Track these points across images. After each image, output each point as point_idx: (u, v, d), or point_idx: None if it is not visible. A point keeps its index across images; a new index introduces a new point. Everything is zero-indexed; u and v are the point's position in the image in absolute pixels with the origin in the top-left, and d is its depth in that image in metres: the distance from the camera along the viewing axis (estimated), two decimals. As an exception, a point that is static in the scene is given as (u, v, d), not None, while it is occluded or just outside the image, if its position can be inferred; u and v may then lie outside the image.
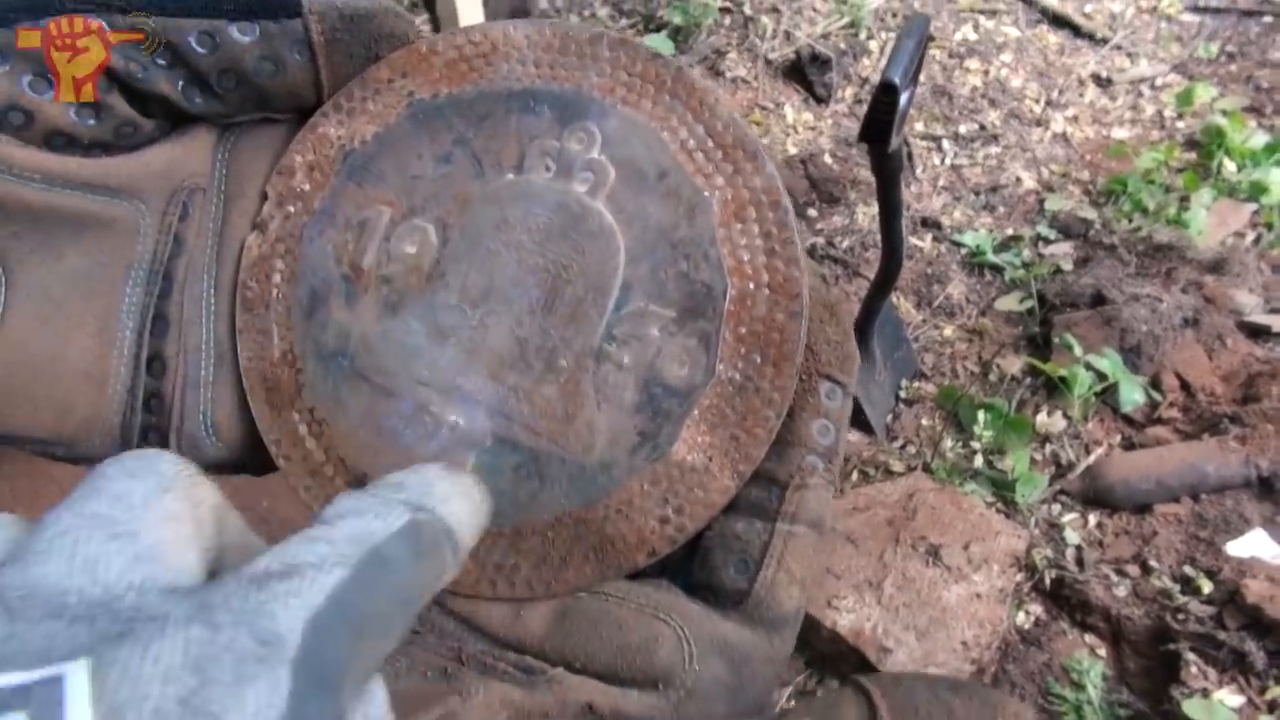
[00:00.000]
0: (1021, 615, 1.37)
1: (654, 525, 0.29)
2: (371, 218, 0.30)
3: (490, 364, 0.29)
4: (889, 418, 1.63)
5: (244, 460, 0.30)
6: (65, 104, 0.25)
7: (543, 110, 0.30)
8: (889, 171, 1.28)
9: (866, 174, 1.99)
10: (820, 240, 1.91)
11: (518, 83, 0.30)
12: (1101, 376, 1.54)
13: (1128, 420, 1.55)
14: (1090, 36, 2.37)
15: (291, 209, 0.31)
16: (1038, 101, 2.23)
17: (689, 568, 0.27)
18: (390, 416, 0.30)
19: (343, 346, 0.30)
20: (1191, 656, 1.24)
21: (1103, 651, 1.33)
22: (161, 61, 0.25)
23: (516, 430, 0.29)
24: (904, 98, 1.15)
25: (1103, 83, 2.27)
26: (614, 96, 0.30)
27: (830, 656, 1.31)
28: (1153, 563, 1.37)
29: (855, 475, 1.55)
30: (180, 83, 0.26)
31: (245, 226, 0.30)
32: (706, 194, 0.29)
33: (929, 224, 1.97)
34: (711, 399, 0.29)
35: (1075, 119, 2.19)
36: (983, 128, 2.17)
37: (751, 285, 0.29)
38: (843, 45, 2.36)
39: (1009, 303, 1.76)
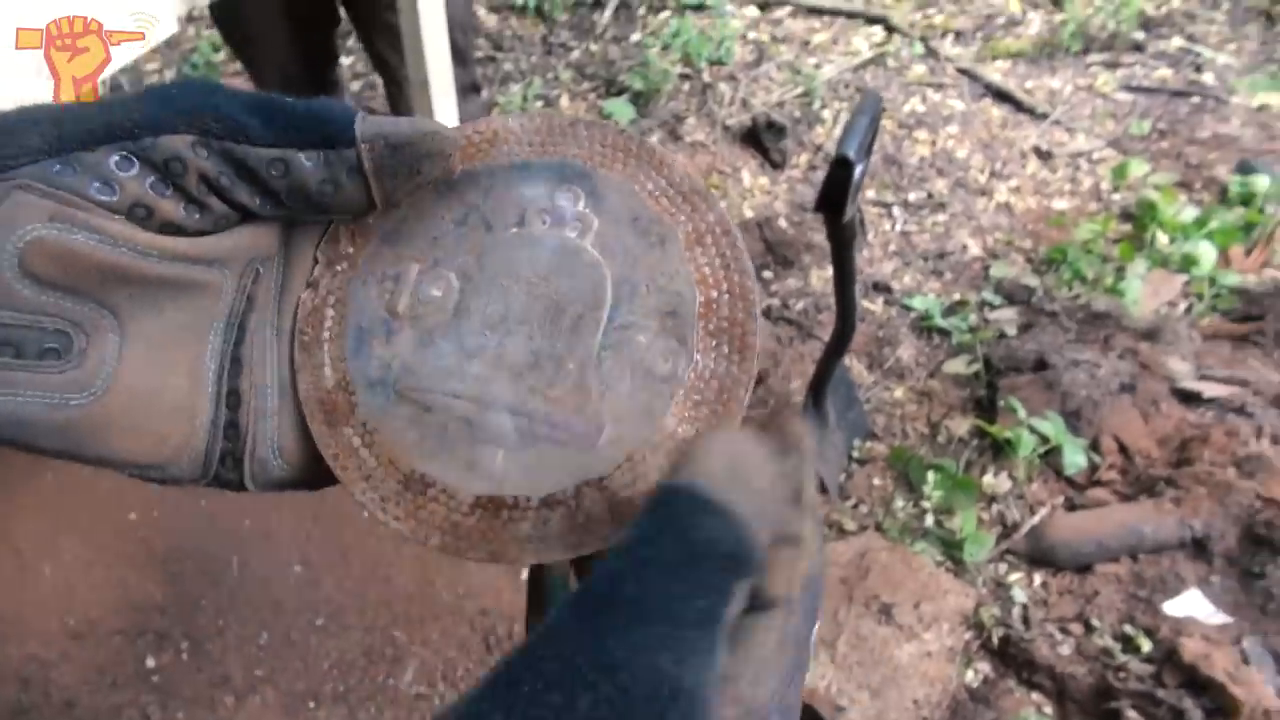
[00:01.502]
0: (970, 673, 1.40)
1: (656, 487, 0.35)
2: (403, 271, 0.37)
3: (510, 373, 0.36)
4: (842, 477, 1.67)
5: (302, 479, 0.37)
6: (176, 202, 0.31)
7: (537, 178, 0.38)
8: (843, 240, 1.33)
9: (820, 239, 2.06)
10: (775, 302, 1.96)
11: (516, 159, 0.38)
12: (1044, 439, 1.60)
13: (1069, 482, 1.61)
14: (1031, 111, 2.49)
15: (339, 268, 0.38)
16: (982, 172, 2.33)
17: None
18: (430, 424, 0.36)
19: (385, 374, 0.37)
20: (1133, 715, 1.28)
21: (1049, 709, 1.36)
22: (245, 179, 0.32)
23: (536, 425, 0.36)
24: (858, 170, 1.21)
25: (1043, 155, 2.38)
26: (592, 163, 0.38)
27: (785, 715, 1.32)
28: (1095, 621, 1.41)
29: (809, 534, 1.58)
30: (257, 198, 0.33)
31: (300, 284, 0.37)
32: (672, 228, 0.37)
33: (880, 288, 2.03)
34: (693, 382, 0.36)
35: (1018, 189, 2.29)
36: (931, 196, 2.26)
37: (714, 293, 0.37)
38: (797, 113, 2.45)
39: (956, 366, 1.82)
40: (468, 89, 1.81)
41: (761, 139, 2.34)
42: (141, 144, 0.30)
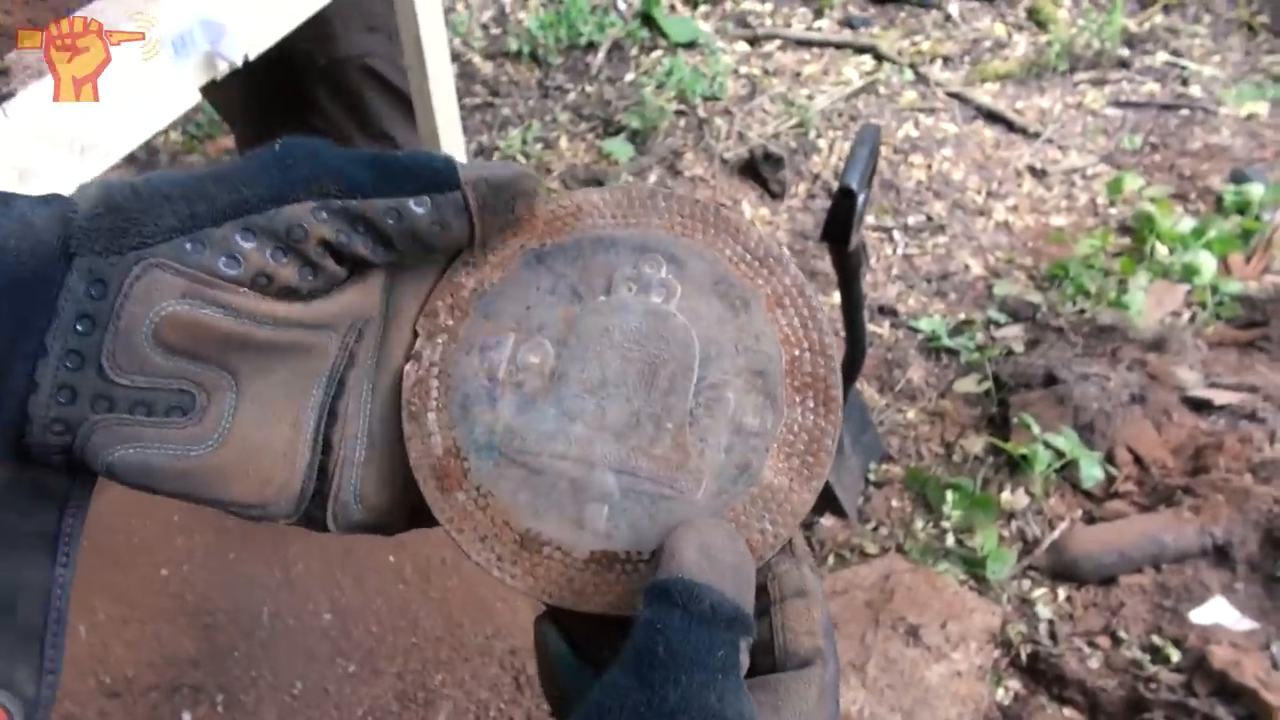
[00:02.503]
0: (1001, 691, 1.40)
1: (757, 537, 0.37)
2: (501, 340, 0.40)
3: (612, 434, 0.38)
4: (860, 501, 1.68)
5: (380, 523, 0.39)
6: (294, 267, 0.34)
7: (621, 249, 0.40)
8: (850, 268, 1.36)
9: (825, 265, 2.08)
10: (784, 330, 1.98)
11: (600, 231, 0.40)
12: (1059, 454, 1.61)
13: (1087, 495, 1.62)
14: (1023, 131, 2.53)
15: (439, 341, 0.40)
16: (979, 192, 2.36)
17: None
18: (539, 486, 0.38)
19: (492, 439, 0.39)
20: (1166, 725, 1.29)
21: (1081, 724, 1.36)
22: (361, 230, 0.35)
23: (640, 481, 0.38)
24: (860, 200, 1.24)
25: (1038, 174, 2.42)
26: (673, 233, 0.40)
27: (819, 742, 1.33)
28: (1122, 633, 1.42)
29: (831, 559, 1.59)
30: (372, 245, 0.35)
31: (399, 344, 0.40)
32: (753, 291, 0.40)
33: (886, 311, 2.05)
34: (783, 435, 0.38)
35: (1015, 208, 2.32)
36: (930, 218, 2.29)
37: (797, 351, 0.39)
38: (793, 144, 2.49)
39: (967, 385, 1.84)
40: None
41: (760, 170, 2.38)
42: (265, 215, 0.33)
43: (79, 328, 0.31)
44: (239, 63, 0.93)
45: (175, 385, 0.33)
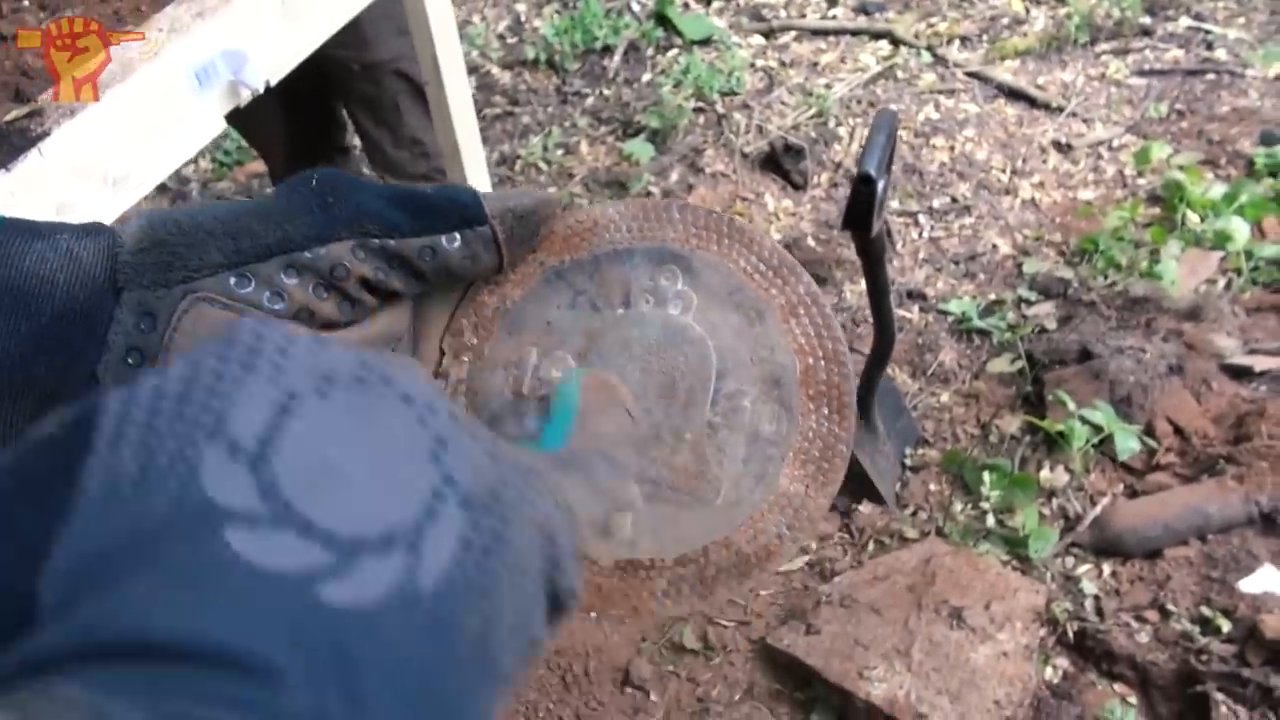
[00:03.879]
0: (1049, 670, 1.39)
1: (775, 541, 0.39)
2: (524, 356, 0.41)
3: (634, 446, 0.39)
4: (897, 486, 1.67)
5: None
6: (334, 302, 0.35)
7: (638, 261, 0.41)
8: (874, 254, 1.36)
9: (849, 254, 2.08)
10: (812, 320, 1.98)
11: (618, 245, 0.41)
12: (1097, 429, 1.60)
13: (1128, 469, 1.60)
14: (1046, 106, 2.50)
15: (465, 359, 0.41)
16: (1004, 171, 2.34)
17: None
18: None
19: None
20: (1220, 696, 1.27)
21: (1133, 699, 1.35)
22: (397, 267, 0.37)
23: (663, 490, 0.39)
24: (880, 186, 1.24)
25: (1063, 149, 2.39)
26: (689, 245, 0.41)
27: (868, 728, 1.33)
28: (1170, 606, 1.40)
29: (872, 545, 1.59)
30: (407, 279, 0.37)
31: (428, 360, 0.41)
32: (768, 302, 0.40)
33: (914, 296, 2.05)
34: (799, 443, 0.39)
35: (1041, 185, 2.30)
36: (955, 200, 2.28)
37: (811, 360, 0.40)
38: (813, 134, 2.49)
39: (1000, 365, 1.83)
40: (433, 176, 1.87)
41: (781, 163, 2.38)
42: (310, 254, 0.34)
43: (129, 360, 0.32)
44: (260, 89, 0.96)
45: None
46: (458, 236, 0.36)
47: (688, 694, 1.44)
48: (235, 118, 1.61)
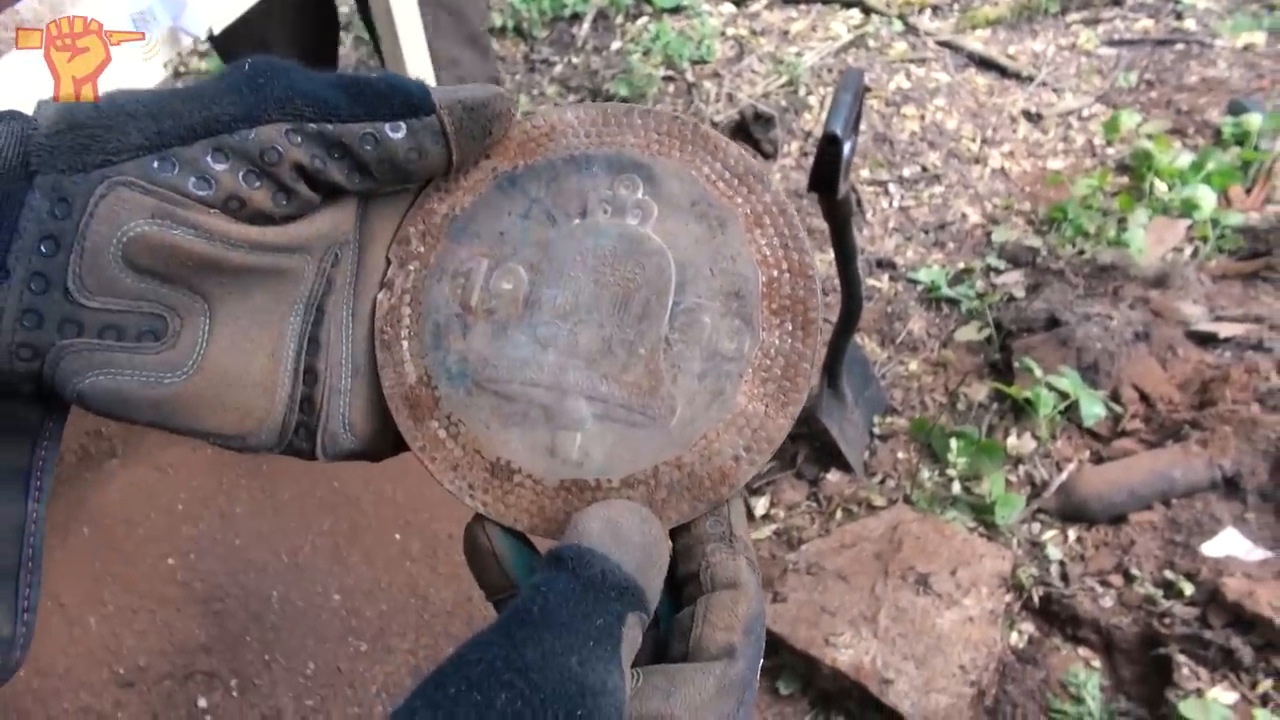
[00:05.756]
0: (1015, 635, 1.39)
1: (731, 463, 0.37)
2: (474, 267, 0.39)
3: (585, 360, 0.37)
4: (865, 454, 1.67)
5: (369, 450, 0.39)
6: (267, 191, 0.33)
7: (595, 169, 0.39)
8: (840, 217, 1.34)
9: (819, 223, 2.05)
10: (781, 289, 1.97)
11: (574, 151, 0.39)
12: (1063, 395, 1.60)
13: (1094, 435, 1.60)
14: (1016, 76, 2.49)
15: (411, 268, 0.39)
16: (974, 140, 2.33)
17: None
18: (511, 414, 0.38)
19: (464, 367, 0.38)
20: (1182, 659, 1.28)
21: (1097, 663, 1.35)
22: (337, 156, 0.34)
23: (612, 408, 0.37)
24: (847, 147, 1.22)
25: (1033, 118, 2.38)
26: (649, 151, 0.39)
27: (834, 694, 1.33)
28: (1134, 570, 1.41)
29: (839, 513, 1.58)
30: (348, 171, 0.34)
31: (375, 269, 0.39)
32: (731, 210, 0.38)
33: (884, 265, 2.04)
34: (760, 360, 0.37)
35: (1011, 154, 2.29)
36: (925, 169, 2.26)
37: (775, 272, 0.38)
38: (783, 103, 2.46)
39: (968, 333, 1.82)
40: (489, 82, 1.84)
41: (751, 131, 2.35)
42: (237, 136, 0.32)
43: (43, 249, 0.30)
44: (203, 37, 0.92)
45: (146, 308, 0.32)
46: (403, 125, 0.34)
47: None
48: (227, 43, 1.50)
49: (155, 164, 0.31)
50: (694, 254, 0.38)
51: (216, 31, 0.94)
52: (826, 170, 1.22)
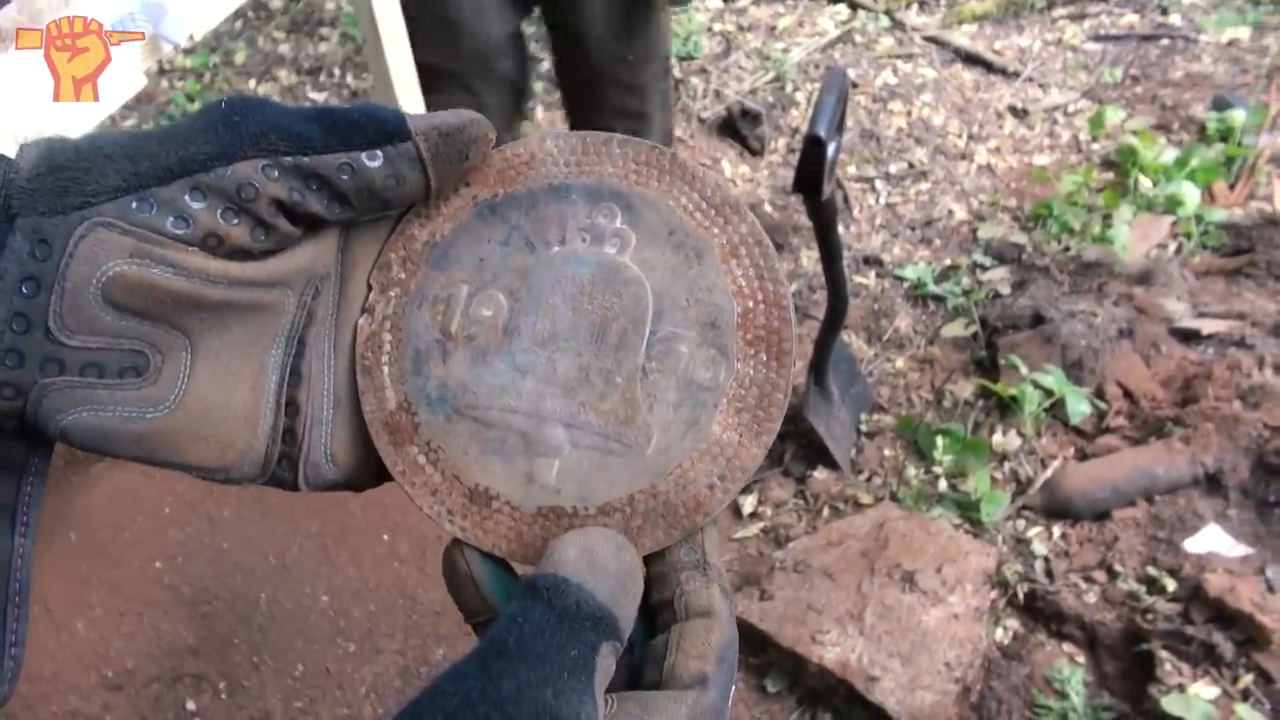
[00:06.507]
0: (1000, 631, 1.40)
1: (705, 491, 0.37)
2: (454, 293, 0.39)
3: (562, 388, 0.38)
4: (852, 452, 1.68)
5: (352, 481, 0.39)
6: (245, 227, 0.33)
7: (575, 198, 0.39)
8: (825, 218, 1.34)
9: (806, 220, 2.06)
10: (769, 287, 1.97)
11: (554, 179, 0.40)
12: (1048, 393, 1.61)
13: (1078, 432, 1.62)
14: (1002, 71, 2.50)
15: (392, 294, 0.39)
16: (960, 136, 2.34)
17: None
18: (489, 440, 0.38)
19: (444, 393, 0.39)
20: (1164, 654, 1.29)
21: (1081, 658, 1.37)
22: (315, 188, 0.34)
23: (589, 436, 0.38)
24: (831, 148, 1.22)
25: (1019, 113, 2.39)
26: (627, 181, 0.40)
27: (820, 691, 1.34)
28: (1117, 567, 1.42)
29: (826, 511, 1.59)
30: (327, 201, 0.35)
31: (357, 300, 0.39)
32: (708, 241, 0.39)
33: (870, 261, 2.04)
34: (735, 390, 0.38)
35: (997, 150, 2.30)
36: (911, 165, 2.27)
37: (750, 302, 0.38)
38: (770, 99, 2.46)
39: (954, 330, 1.83)
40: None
41: (738, 128, 2.35)
42: (214, 174, 0.32)
43: (24, 290, 0.31)
44: (183, 44, 0.92)
45: (127, 345, 0.33)
46: (379, 154, 0.34)
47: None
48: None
49: (134, 204, 0.32)
50: (671, 284, 0.38)
51: (198, 38, 0.93)
52: (810, 172, 1.22)
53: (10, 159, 0.32)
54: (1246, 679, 1.26)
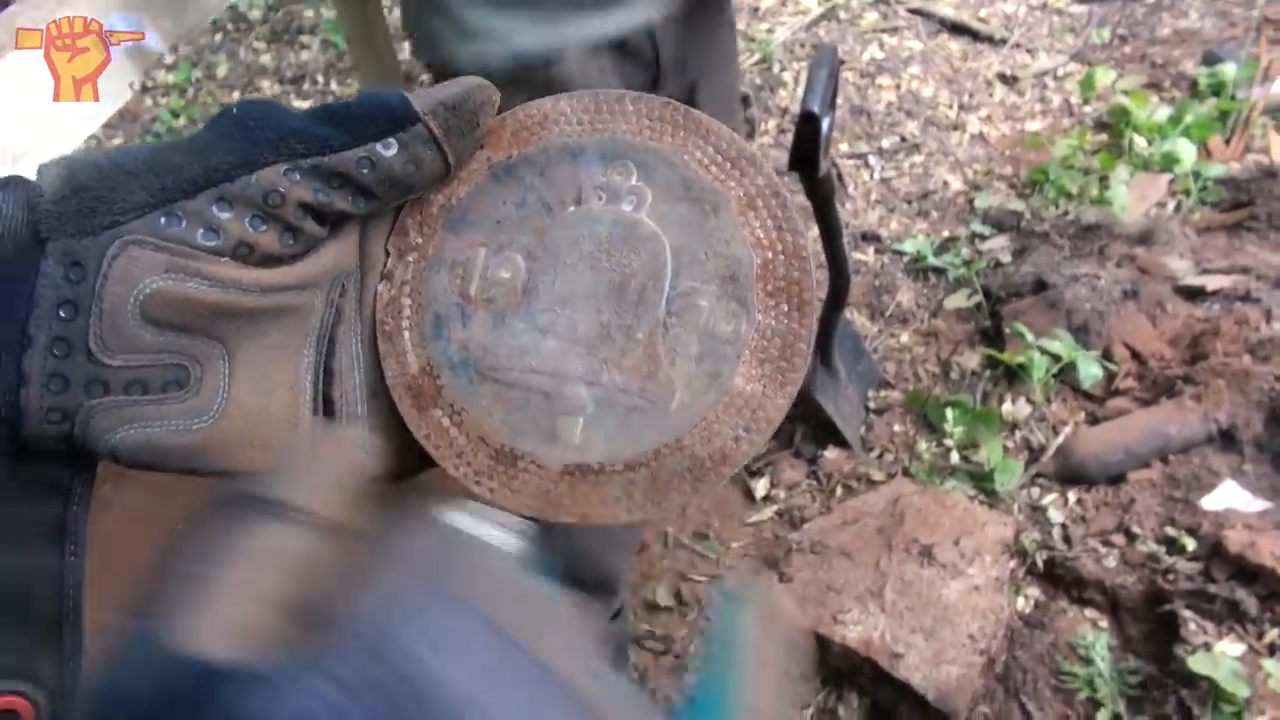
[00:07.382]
0: (1021, 600, 1.40)
1: (731, 444, 0.38)
2: (471, 256, 0.39)
3: (584, 346, 0.38)
4: (862, 429, 1.67)
5: (390, 472, 0.40)
6: (274, 233, 0.34)
7: (589, 156, 0.39)
8: (822, 195, 1.33)
9: (802, 199, 2.05)
10: (768, 269, 1.96)
11: (568, 139, 0.40)
12: (1056, 358, 1.60)
13: (1088, 396, 1.61)
14: (989, 39, 2.48)
15: (410, 259, 0.40)
16: (951, 107, 2.32)
17: None
18: (513, 401, 0.39)
19: (466, 356, 0.39)
20: (1188, 614, 1.28)
21: (1104, 623, 1.36)
22: (337, 185, 0.34)
23: (612, 393, 0.38)
24: (825, 124, 1.21)
25: (1009, 80, 2.37)
26: (642, 137, 0.39)
27: (845, 671, 1.33)
28: (1135, 529, 1.41)
29: (840, 490, 1.58)
30: (351, 197, 0.35)
31: (371, 272, 0.40)
32: (724, 194, 0.39)
33: (869, 238, 2.03)
34: (756, 341, 0.38)
35: (989, 118, 2.28)
36: (904, 139, 2.25)
37: (770, 254, 0.38)
38: (758, 80, 2.45)
39: (957, 301, 1.82)
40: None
41: (727, 111, 2.34)
42: (239, 183, 0.32)
43: (61, 314, 0.31)
44: (167, 53, 0.90)
45: (168, 360, 0.33)
46: (394, 142, 0.35)
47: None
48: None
49: (163, 220, 0.32)
50: (688, 238, 0.38)
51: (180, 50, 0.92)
52: (806, 149, 1.21)
53: (32, 182, 0.32)
54: (1272, 633, 1.25)
